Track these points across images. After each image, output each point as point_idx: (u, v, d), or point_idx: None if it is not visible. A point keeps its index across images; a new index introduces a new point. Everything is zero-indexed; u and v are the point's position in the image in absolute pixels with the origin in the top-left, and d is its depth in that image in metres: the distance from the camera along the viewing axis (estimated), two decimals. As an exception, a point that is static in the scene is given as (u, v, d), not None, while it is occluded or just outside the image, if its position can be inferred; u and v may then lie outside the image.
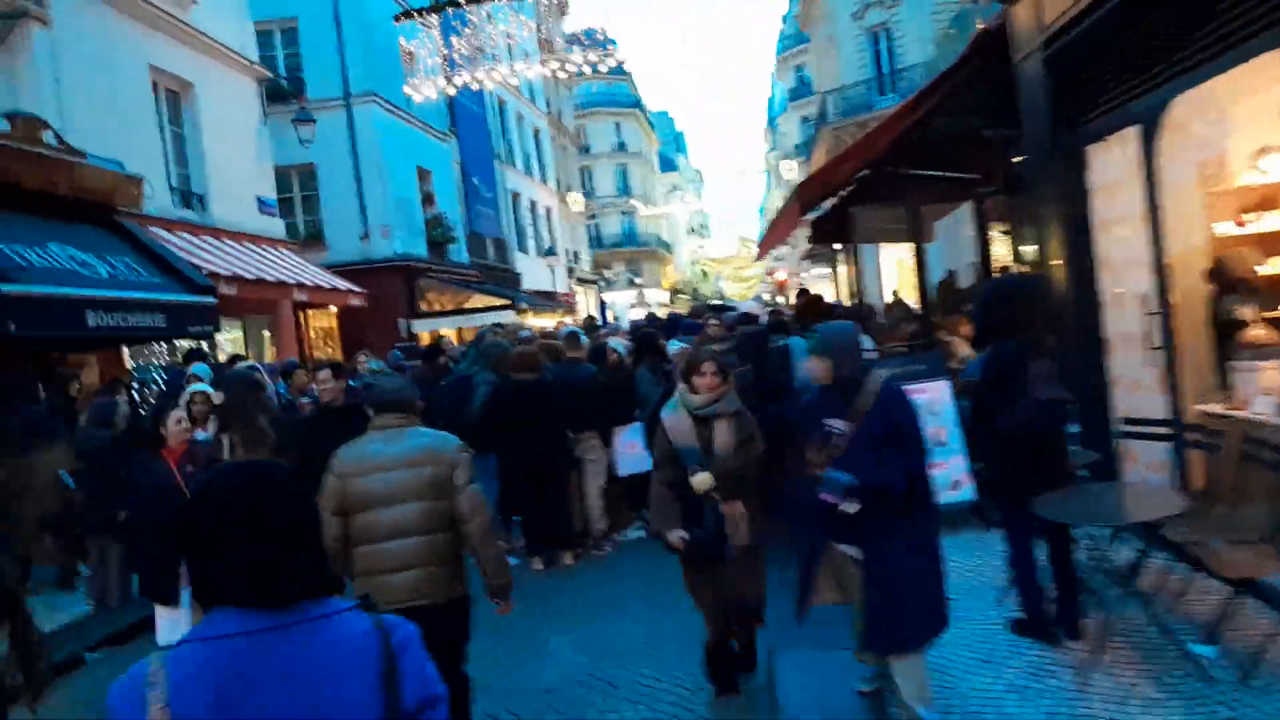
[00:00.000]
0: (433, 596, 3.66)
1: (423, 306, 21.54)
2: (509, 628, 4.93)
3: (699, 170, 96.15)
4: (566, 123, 41.16)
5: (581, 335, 8.62)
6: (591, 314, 27.04)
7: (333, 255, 18.82)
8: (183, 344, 11.32)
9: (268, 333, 15.94)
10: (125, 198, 10.50)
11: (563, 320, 22.97)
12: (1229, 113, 5.59)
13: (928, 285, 9.97)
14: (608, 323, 16.23)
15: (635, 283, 53.04)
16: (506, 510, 7.49)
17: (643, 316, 17.77)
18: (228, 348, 13.77)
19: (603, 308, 26.53)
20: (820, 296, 15.73)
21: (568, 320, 22.96)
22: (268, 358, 14.64)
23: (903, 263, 22.08)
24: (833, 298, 25.50)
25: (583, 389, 7.48)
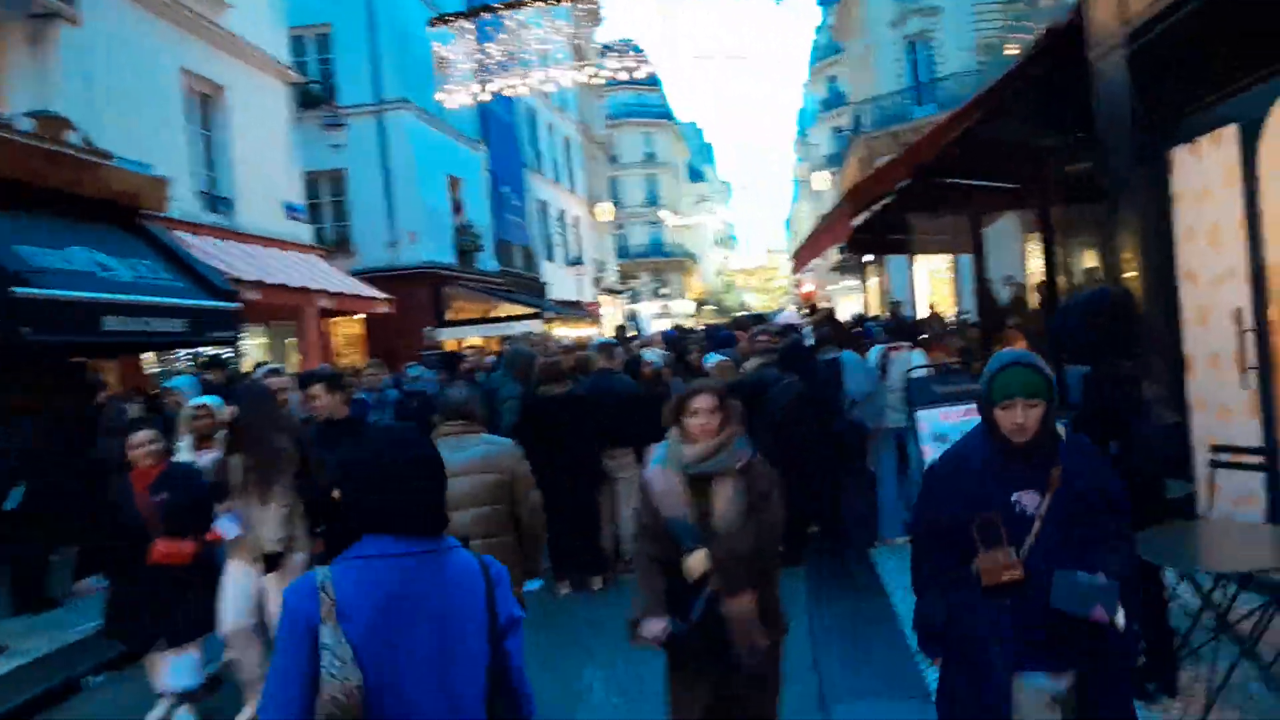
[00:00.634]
0: None
1: (449, 315, 21.35)
2: (538, 661, 4.53)
3: (727, 182, 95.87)
4: (596, 132, 40.98)
5: (615, 345, 8.24)
6: (623, 323, 26.71)
7: (360, 262, 18.65)
8: (207, 351, 11.09)
9: (293, 340, 15.73)
10: (151, 200, 10.28)
11: (588, 330, 22.64)
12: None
13: (989, 295, 9.48)
14: (642, 332, 15.85)
15: (661, 293, 52.72)
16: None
17: (668, 327, 17.36)
18: (252, 355, 13.55)
19: (634, 318, 26.13)
20: (832, 310, 15.34)
21: (595, 330, 22.63)
22: (293, 366, 14.40)
23: (936, 274, 21.59)
24: (861, 309, 25.04)
25: (617, 402, 7.10)
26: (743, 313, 30.07)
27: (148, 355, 11.46)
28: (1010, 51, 16.96)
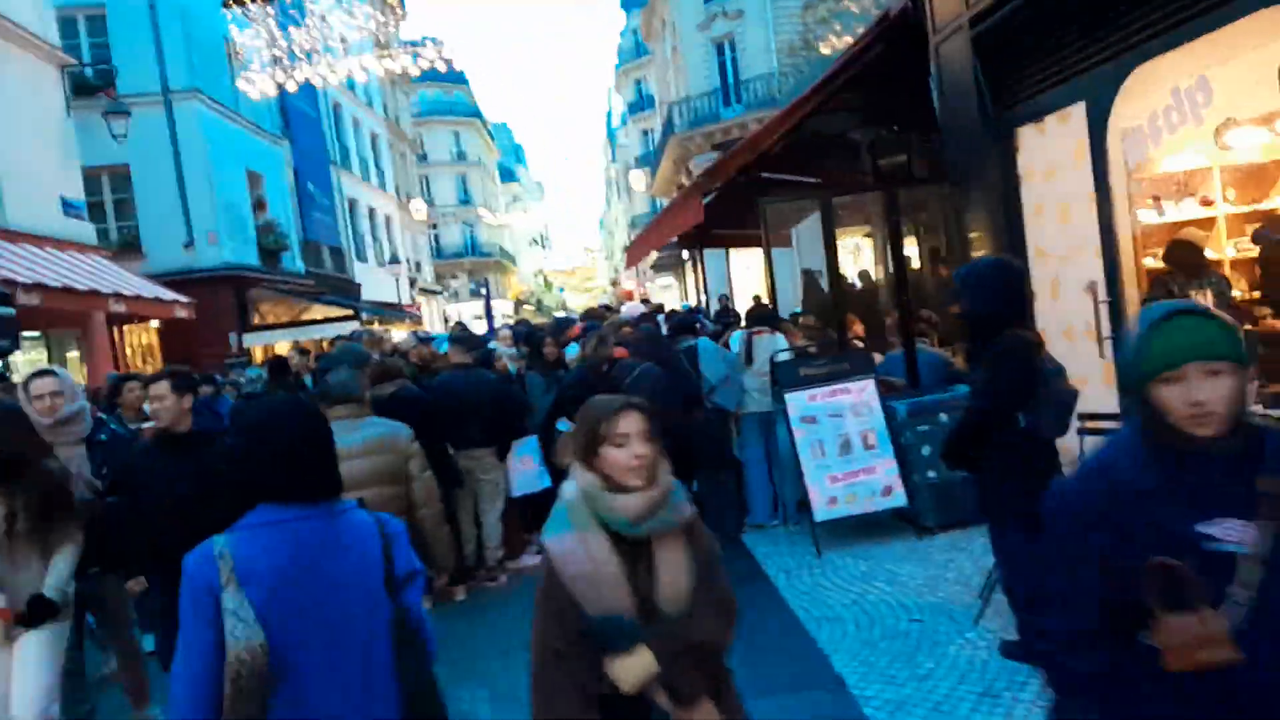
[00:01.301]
0: None
1: (256, 319, 19.88)
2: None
3: (539, 183, 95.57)
4: (405, 130, 39.54)
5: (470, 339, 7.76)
6: (461, 320, 25.82)
7: (152, 264, 16.94)
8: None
9: (75, 352, 14.06)
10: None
11: (413, 330, 21.72)
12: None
13: (814, 285, 9.70)
14: (493, 328, 15.34)
15: (481, 293, 51.68)
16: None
17: (513, 322, 16.87)
18: (22, 369, 11.92)
19: (489, 313, 25.24)
20: (661, 306, 15.51)
21: (409, 331, 21.67)
22: (80, 379, 12.82)
23: (749, 269, 22.23)
24: (678, 304, 25.41)
25: (473, 400, 6.64)
26: (562, 313, 29.82)
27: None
28: (825, 52, 17.66)
